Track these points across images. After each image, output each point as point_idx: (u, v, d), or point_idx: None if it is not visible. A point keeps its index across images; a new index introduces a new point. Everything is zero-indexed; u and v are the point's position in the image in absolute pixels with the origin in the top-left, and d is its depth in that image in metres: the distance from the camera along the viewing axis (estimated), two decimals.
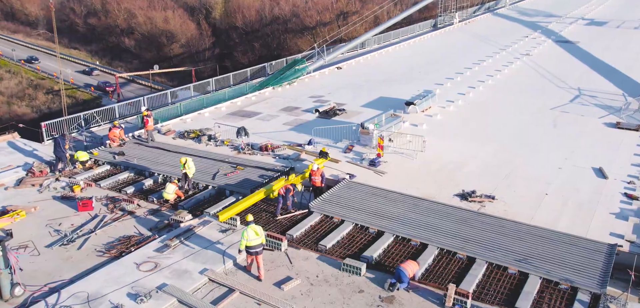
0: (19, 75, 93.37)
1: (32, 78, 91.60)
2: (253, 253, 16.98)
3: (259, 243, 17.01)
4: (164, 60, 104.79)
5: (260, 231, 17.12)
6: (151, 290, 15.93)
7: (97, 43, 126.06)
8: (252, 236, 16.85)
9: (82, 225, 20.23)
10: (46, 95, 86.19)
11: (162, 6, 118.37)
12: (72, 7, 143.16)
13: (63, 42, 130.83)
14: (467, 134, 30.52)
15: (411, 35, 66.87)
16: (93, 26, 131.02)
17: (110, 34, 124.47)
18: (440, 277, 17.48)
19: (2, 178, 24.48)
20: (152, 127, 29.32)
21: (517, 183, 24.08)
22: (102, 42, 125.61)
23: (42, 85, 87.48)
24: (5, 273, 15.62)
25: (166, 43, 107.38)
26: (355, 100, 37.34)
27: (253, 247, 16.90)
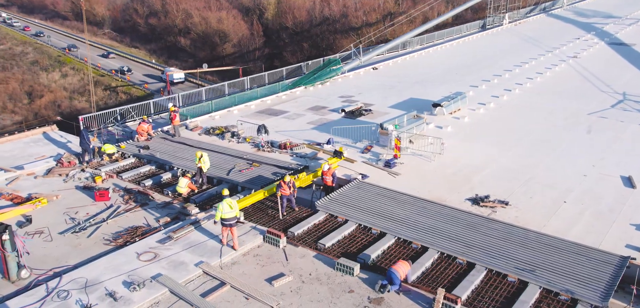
0: (81, 71, 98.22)
1: (93, 75, 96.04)
2: (227, 225, 18.26)
3: (233, 216, 18.29)
4: (217, 59, 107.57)
5: (234, 205, 18.37)
6: (145, 280, 16.48)
7: (156, 42, 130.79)
8: (227, 209, 18.12)
9: (96, 215, 21.15)
10: (104, 91, 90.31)
11: (218, 7, 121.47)
12: (135, 8, 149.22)
13: (125, 41, 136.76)
14: (493, 137, 29.74)
15: (457, 36, 65.66)
16: (153, 26, 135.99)
17: (168, 33, 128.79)
18: (435, 281, 17.18)
19: (34, 167, 25.89)
20: (178, 122, 30.22)
21: (535, 190, 23.29)
22: (161, 42, 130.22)
23: (101, 82, 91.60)
24: (13, 256, 16.58)
25: (219, 43, 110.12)
26: (384, 101, 37.09)
27: (227, 219, 18.20)
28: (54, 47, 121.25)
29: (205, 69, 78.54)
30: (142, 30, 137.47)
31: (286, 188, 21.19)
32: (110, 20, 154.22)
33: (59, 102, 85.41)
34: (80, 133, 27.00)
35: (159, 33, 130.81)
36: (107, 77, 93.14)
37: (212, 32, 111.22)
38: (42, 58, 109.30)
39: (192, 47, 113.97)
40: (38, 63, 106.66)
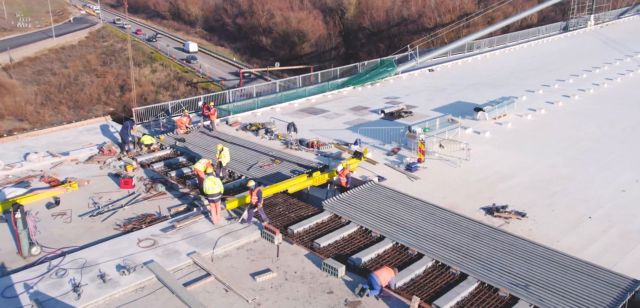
0: (168, 68, 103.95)
1: (178, 71, 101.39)
2: (211, 200, 19.90)
3: (217, 193, 19.91)
4: (295, 58, 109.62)
5: (217, 182, 19.98)
6: (137, 265, 17.35)
7: (241, 41, 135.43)
8: (210, 185, 19.80)
9: (116, 201, 22.50)
10: (186, 86, 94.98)
11: (300, 7, 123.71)
12: (225, 8, 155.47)
13: (213, 39, 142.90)
14: (532, 145, 28.17)
15: (533, 38, 62.49)
16: (240, 25, 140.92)
17: (253, 32, 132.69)
18: (423, 289, 16.68)
19: (78, 154, 27.90)
20: (216, 117, 31.34)
21: (560, 203, 21.86)
22: (245, 41, 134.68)
23: (184, 78, 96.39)
24: (24, 233, 18.08)
25: (297, 42, 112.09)
26: (429, 104, 36.19)
27: (211, 195, 19.83)
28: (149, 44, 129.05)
29: (277, 67, 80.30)
30: (230, 30, 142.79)
31: (249, 195, 20.36)
32: (202, 19, 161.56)
33: (145, 95, 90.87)
34: (123, 124, 28.72)
35: (244, 32, 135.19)
36: (190, 73, 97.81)
37: (291, 31, 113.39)
38: (136, 54, 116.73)
39: (273, 46, 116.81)
40: (133, 59, 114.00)
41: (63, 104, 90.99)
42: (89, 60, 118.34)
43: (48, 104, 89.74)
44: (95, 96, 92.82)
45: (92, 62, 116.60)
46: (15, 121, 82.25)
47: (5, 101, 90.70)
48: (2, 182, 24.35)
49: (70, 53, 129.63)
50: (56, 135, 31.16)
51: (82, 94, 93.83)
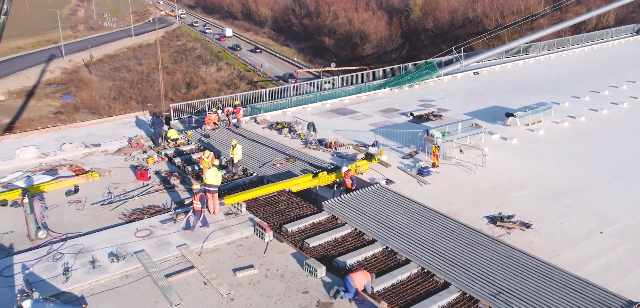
0: (232, 67, 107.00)
1: (241, 70, 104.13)
2: (208, 191, 20.44)
3: (214, 184, 20.60)
4: (357, 59, 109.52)
5: (218, 174, 20.80)
6: (128, 254, 18.12)
7: (306, 42, 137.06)
8: (210, 176, 20.65)
9: (129, 191, 23.53)
10: (247, 85, 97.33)
11: (365, 8, 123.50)
12: (293, 9, 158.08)
13: (280, 40, 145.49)
14: (558, 154, 26.77)
15: (598, 41, 58.95)
16: (306, 26, 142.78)
17: (318, 33, 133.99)
18: (402, 295, 16.35)
19: (109, 145, 29.36)
20: (241, 115, 32.00)
21: (573, 215, 20.64)
22: (310, 41, 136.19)
23: (246, 77, 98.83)
24: (31, 218, 19.34)
25: (359, 43, 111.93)
26: (463, 107, 35.11)
27: (210, 185, 20.49)
28: (218, 44, 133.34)
29: (333, 68, 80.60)
30: (296, 30, 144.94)
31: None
32: (271, 20, 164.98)
33: (208, 92, 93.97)
34: (153, 119, 29.94)
35: (310, 33, 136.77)
36: (252, 72, 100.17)
37: (354, 32, 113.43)
38: (205, 53, 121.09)
39: (335, 46, 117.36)
40: (201, 58, 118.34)
41: (133, 99, 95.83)
42: (162, 58, 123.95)
43: (120, 99, 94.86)
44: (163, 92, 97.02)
45: (164, 60, 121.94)
46: (88, 113, 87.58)
47: (82, 95, 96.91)
48: (34, 169, 26.07)
49: (146, 51, 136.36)
50: (95, 127, 32.97)
51: (151, 90, 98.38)
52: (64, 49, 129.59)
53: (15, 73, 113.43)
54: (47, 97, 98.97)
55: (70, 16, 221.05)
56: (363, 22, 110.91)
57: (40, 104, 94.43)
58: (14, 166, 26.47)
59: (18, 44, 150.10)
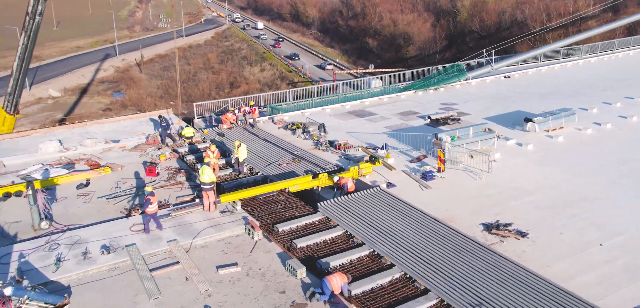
0: (275, 67, 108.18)
1: (283, 70, 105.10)
2: (204, 189, 20.89)
3: (209, 182, 20.87)
4: (400, 61, 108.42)
5: (211, 172, 21.10)
6: (119, 247, 18.70)
7: (351, 43, 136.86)
8: (203, 174, 20.91)
9: (135, 186, 24.24)
10: (288, 85, 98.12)
11: (410, 9, 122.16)
12: (340, 10, 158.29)
13: (325, 41, 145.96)
14: (573, 162, 25.70)
15: None
16: (352, 27, 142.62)
17: (364, 35, 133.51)
18: (379, 300, 16.19)
19: (127, 141, 30.32)
20: (257, 115, 32.36)
21: (575, 225, 19.80)
22: (355, 43, 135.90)
23: (287, 77, 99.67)
24: (34, 208, 20.24)
25: (403, 45, 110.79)
26: (485, 112, 34.20)
27: (204, 183, 20.79)
28: (263, 44, 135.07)
29: (371, 70, 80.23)
30: (342, 32, 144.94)
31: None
32: (318, 21, 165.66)
33: (250, 92, 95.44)
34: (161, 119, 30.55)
35: (355, 35, 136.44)
36: (293, 73, 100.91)
37: (398, 34, 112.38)
38: (250, 54, 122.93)
39: (378, 48, 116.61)
40: (246, 58, 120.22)
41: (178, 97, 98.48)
42: (209, 58, 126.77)
43: (165, 97, 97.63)
44: (206, 91, 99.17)
45: (212, 60, 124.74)
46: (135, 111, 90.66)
47: (131, 93, 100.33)
48: (54, 163, 27.25)
49: (196, 51, 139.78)
50: (119, 124, 34.10)
51: (196, 89, 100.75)
52: (118, 49, 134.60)
53: (72, 71, 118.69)
54: (99, 95, 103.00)
55: (128, 17, 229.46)
56: (407, 24, 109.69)
57: (91, 101, 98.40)
58: (36, 159, 27.74)
59: (78, 44, 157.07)
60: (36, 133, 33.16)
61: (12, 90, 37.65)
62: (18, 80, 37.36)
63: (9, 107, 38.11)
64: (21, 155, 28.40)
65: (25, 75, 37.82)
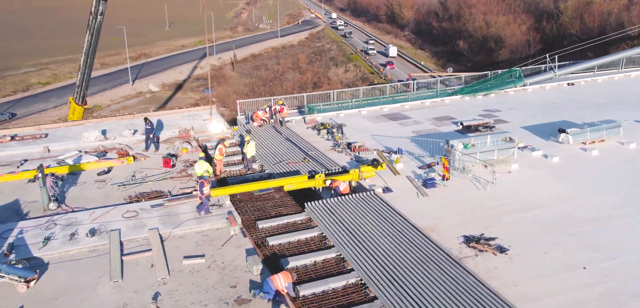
0: (359, 68, 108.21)
1: (366, 71, 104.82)
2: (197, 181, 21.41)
3: (200, 175, 21.68)
4: (491, 64, 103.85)
5: (204, 166, 22.17)
6: (104, 231, 19.90)
7: (443, 45, 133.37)
8: (198, 168, 22.38)
9: (148, 176, 25.54)
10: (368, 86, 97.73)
11: (507, 11, 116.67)
12: (436, 11, 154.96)
13: (417, 43, 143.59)
14: (597, 179, 23.56)
15: None
16: (445, 29, 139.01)
17: (459, 36, 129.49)
18: (324, 303, 15.97)
19: (161, 134, 31.94)
20: (286, 114, 32.75)
21: (566, 245, 18.22)
22: (447, 45, 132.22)
23: (368, 79, 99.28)
24: (44, 190, 22.08)
25: (494, 48, 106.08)
26: (527, 120, 32.13)
27: (200, 176, 21.66)
28: (352, 46, 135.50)
29: (449, 73, 77.69)
30: (435, 33, 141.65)
31: None
32: (413, 23, 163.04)
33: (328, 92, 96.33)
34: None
35: (449, 36, 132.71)
36: (374, 75, 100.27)
37: (490, 36, 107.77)
38: (338, 55, 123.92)
39: (469, 51, 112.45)
40: (333, 59, 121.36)
41: (262, 95, 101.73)
42: (299, 59, 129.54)
43: (250, 95, 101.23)
44: (289, 90, 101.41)
45: (301, 60, 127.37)
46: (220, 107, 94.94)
47: (219, 90, 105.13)
48: (91, 150, 29.41)
49: (288, 51, 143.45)
50: (165, 117, 36.00)
51: (281, 88, 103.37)
52: (215, 48, 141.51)
53: (172, 68, 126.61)
54: (192, 91, 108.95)
55: (233, 18, 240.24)
56: (501, 26, 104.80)
57: (183, 96, 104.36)
58: (77, 146, 30.12)
59: (183, 43, 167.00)
60: (88, 122, 35.89)
61: (80, 83, 41.07)
62: (84, 74, 40.66)
63: (77, 98, 41.63)
64: (67, 142, 30.96)
65: (91, 69, 41.07)
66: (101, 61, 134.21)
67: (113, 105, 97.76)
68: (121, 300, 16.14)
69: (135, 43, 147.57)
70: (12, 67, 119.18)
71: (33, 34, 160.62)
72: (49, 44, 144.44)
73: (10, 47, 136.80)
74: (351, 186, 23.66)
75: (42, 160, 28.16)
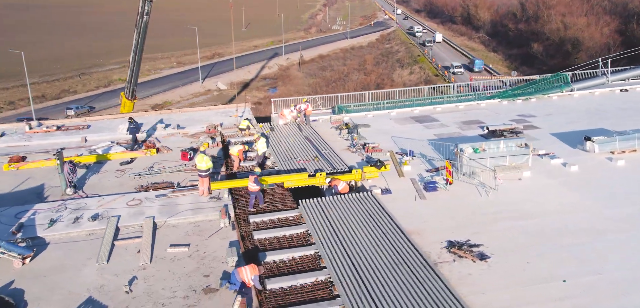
0: (423, 71, 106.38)
1: (430, 74, 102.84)
2: (200, 175, 22.42)
3: (205, 169, 22.29)
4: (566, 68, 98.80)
5: (206, 159, 22.34)
6: (105, 217, 21.03)
7: (519, 48, 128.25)
8: (199, 161, 22.41)
9: (164, 168, 26.63)
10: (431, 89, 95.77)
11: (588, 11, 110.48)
12: (514, 12, 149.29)
13: (491, 45, 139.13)
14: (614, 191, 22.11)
15: None
16: (521, 31, 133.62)
17: (536, 39, 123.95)
18: (288, 297, 16.19)
19: (190, 129, 33.16)
20: (310, 112, 32.98)
21: (553, 257, 17.32)
22: (523, 47, 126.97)
23: (431, 81, 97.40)
24: (62, 177, 23.65)
25: (571, 51, 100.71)
26: (561, 127, 30.43)
27: (201, 170, 22.28)
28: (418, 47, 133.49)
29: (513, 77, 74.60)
30: (511, 35, 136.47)
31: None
32: (489, 24, 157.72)
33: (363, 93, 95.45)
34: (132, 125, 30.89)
35: (525, 38, 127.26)
36: (438, 78, 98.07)
37: (567, 39, 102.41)
38: (405, 57, 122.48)
39: (544, 54, 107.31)
40: (400, 61, 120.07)
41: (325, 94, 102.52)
42: (366, 60, 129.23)
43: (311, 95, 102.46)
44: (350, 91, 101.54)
45: (367, 62, 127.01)
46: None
47: (282, 89, 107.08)
48: (123, 142, 31.01)
49: (356, 53, 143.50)
50: (199, 113, 37.38)
51: (343, 88, 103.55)
52: (285, 49, 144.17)
53: (242, 67, 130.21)
54: (257, 89, 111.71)
55: (308, 20, 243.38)
56: (580, 29, 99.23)
57: (248, 95, 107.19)
58: (111, 137, 31.89)
59: (256, 43, 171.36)
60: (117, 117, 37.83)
61: (129, 79, 43.45)
62: (133, 71, 42.95)
63: (128, 93, 44.03)
64: (104, 133, 32.87)
65: (139, 66, 43.32)
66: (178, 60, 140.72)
67: (182, 102, 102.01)
68: (100, 281, 17.05)
69: (211, 43, 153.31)
70: (98, 65, 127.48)
71: (120, 34, 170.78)
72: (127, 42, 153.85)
73: (97, 46, 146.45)
74: (351, 186, 23.52)
75: (78, 149, 30.10)
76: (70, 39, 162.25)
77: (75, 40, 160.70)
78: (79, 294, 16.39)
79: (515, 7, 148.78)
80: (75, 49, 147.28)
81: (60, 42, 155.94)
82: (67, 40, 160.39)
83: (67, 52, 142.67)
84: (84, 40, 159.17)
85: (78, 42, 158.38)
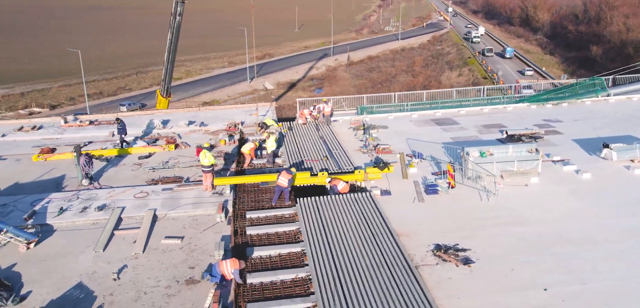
0: (473, 73, 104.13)
1: (479, 76, 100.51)
2: (203, 171, 23.18)
3: (208, 165, 22.96)
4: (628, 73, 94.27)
5: (209, 155, 23.00)
6: (110, 208, 21.95)
7: (578, 50, 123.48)
8: (202, 157, 23.14)
9: (178, 163, 27.45)
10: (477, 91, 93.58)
11: None
12: (576, 14, 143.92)
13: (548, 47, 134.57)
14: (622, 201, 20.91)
15: None
16: (581, 34, 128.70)
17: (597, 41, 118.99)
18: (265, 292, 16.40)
19: (212, 126, 33.98)
20: (328, 112, 33.04)
21: (541, 266, 16.77)
22: (582, 50, 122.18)
23: (478, 83, 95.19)
24: (78, 168, 24.83)
25: (633, 54, 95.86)
26: (585, 133, 29.10)
27: (204, 165, 23.03)
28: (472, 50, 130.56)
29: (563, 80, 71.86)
30: (570, 38, 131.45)
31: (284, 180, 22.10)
32: (548, 25, 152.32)
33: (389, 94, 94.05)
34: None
35: (585, 41, 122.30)
36: (487, 80, 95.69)
37: (629, 41, 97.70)
38: (455, 59, 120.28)
39: (603, 57, 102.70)
40: (449, 63, 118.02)
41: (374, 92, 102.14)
42: (415, 61, 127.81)
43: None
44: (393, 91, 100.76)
45: (416, 63, 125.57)
46: None
47: (328, 90, 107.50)
48: (147, 137, 32.21)
49: (406, 54, 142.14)
50: (224, 111, 38.23)
51: (388, 89, 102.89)
52: (334, 50, 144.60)
53: (290, 67, 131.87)
54: (303, 90, 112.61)
55: (361, 21, 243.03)
56: None
57: (294, 95, 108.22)
58: (136, 132, 33.10)
59: (306, 44, 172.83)
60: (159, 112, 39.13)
61: (164, 77, 44.93)
62: (167, 70, 44.39)
63: (163, 91, 45.56)
64: (131, 128, 34.05)
65: (173, 65, 44.71)
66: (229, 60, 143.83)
67: (229, 100, 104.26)
68: (93, 268, 17.84)
69: (264, 43, 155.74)
70: (154, 64, 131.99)
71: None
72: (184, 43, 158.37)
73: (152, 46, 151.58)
74: (354, 187, 23.49)
75: (105, 142, 31.47)
76: (128, 39, 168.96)
77: (131, 40, 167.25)
78: (71, 279, 17.21)
79: (578, 8, 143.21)
80: (136, 47, 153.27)
81: (121, 42, 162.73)
82: (126, 40, 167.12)
83: (125, 51, 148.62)
84: (140, 40, 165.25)
85: (135, 41, 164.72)
